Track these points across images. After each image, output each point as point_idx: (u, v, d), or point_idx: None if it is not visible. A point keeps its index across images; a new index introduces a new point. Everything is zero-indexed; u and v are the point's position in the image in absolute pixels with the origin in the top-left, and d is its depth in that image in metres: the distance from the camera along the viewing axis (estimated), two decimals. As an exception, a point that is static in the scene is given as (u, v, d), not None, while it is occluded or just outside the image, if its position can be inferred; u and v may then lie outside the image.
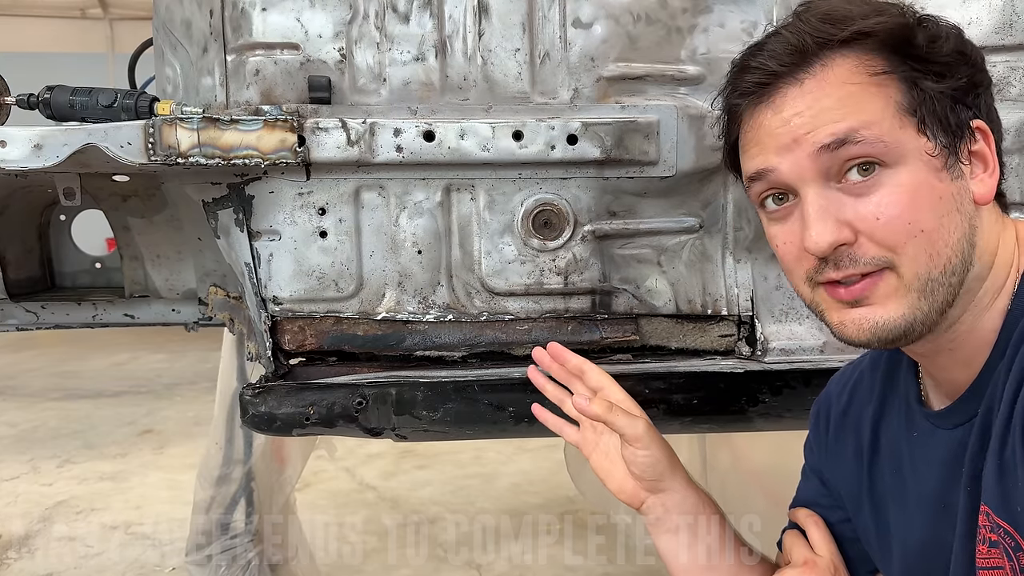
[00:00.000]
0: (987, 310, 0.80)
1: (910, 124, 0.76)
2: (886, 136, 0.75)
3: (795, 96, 0.78)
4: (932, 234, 0.75)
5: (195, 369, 6.24)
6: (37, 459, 4.28)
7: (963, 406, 0.82)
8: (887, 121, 0.75)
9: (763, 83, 0.79)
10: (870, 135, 0.75)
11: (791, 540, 1.04)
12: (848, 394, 1.02)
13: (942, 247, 0.75)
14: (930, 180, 0.76)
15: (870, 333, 0.78)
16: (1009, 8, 1.28)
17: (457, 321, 1.31)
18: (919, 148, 0.76)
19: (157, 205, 1.75)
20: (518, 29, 1.25)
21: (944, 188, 0.76)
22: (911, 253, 0.75)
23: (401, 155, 1.22)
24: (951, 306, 0.78)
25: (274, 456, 2.62)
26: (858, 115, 0.75)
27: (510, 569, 2.47)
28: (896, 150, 0.75)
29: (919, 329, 0.77)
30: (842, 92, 0.76)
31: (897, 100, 0.76)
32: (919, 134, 0.76)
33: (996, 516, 0.73)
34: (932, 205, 0.75)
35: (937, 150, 0.76)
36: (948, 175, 0.77)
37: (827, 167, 0.77)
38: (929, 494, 0.85)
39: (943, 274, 0.76)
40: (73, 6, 10.00)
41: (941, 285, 0.76)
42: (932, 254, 0.75)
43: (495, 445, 4.18)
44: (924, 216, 0.75)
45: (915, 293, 0.76)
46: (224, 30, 1.24)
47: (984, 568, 0.74)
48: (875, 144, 0.75)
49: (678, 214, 1.33)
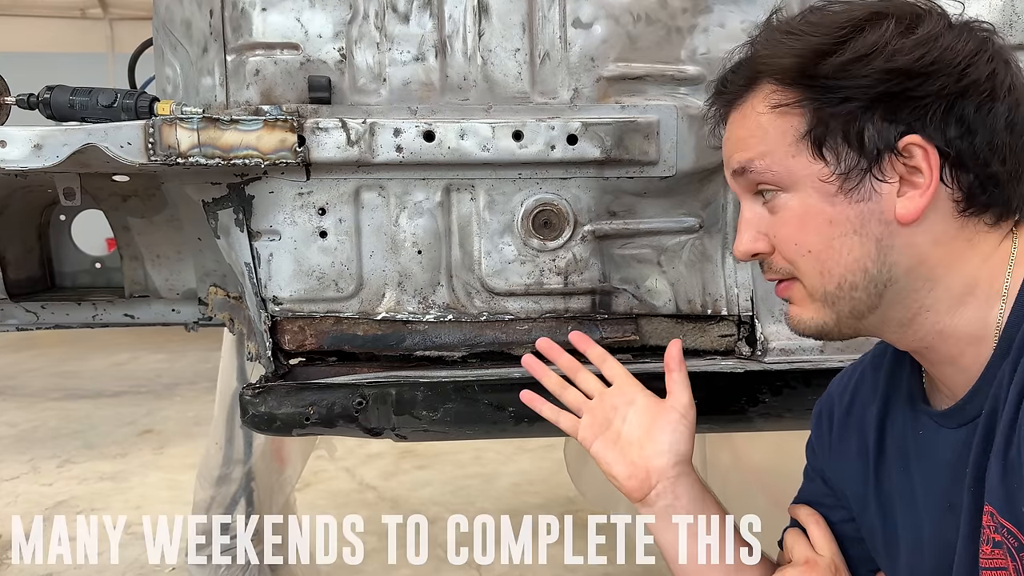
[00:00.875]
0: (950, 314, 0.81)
1: (804, 152, 0.81)
2: (775, 166, 0.82)
3: (732, 120, 0.88)
4: (820, 254, 0.81)
5: (195, 369, 6.24)
6: (37, 459, 4.28)
7: (966, 406, 0.82)
8: (780, 151, 0.82)
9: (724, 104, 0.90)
10: (761, 166, 0.83)
11: (792, 539, 1.04)
12: (850, 394, 1.02)
13: (833, 266, 0.81)
14: (819, 205, 0.81)
15: (796, 328, 0.88)
16: (1009, 8, 1.28)
17: (457, 321, 1.31)
18: (811, 175, 0.80)
19: (157, 205, 1.75)
20: (518, 29, 1.25)
21: (835, 212, 0.80)
22: (803, 270, 0.83)
23: (401, 155, 1.22)
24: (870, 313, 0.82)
25: (274, 456, 2.62)
26: (757, 146, 0.84)
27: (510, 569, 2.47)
28: (787, 178, 0.82)
29: (833, 331, 0.85)
30: (752, 123, 0.84)
31: (797, 129, 0.81)
32: (814, 160, 0.80)
33: (1000, 516, 0.73)
34: (819, 228, 0.81)
35: (833, 176, 0.79)
36: (845, 199, 0.80)
37: (746, 187, 0.87)
38: (935, 494, 0.85)
39: (839, 288, 0.82)
40: (73, 6, 10.00)
41: (841, 299, 0.82)
42: (823, 272, 0.82)
43: (495, 445, 4.17)
44: (811, 239, 0.82)
45: (818, 302, 0.84)
46: (224, 30, 1.24)
47: (988, 568, 0.75)
48: (765, 174, 0.83)
49: (678, 214, 1.33)
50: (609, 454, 1.05)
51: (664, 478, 1.02)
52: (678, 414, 1.04)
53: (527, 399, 1.12)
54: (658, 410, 1.05)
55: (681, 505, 1.02)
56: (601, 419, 1.07)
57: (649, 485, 1.03)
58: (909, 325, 0.83)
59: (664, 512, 1.03)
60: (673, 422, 1.04)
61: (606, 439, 1.06)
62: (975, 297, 0.80)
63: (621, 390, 1.08)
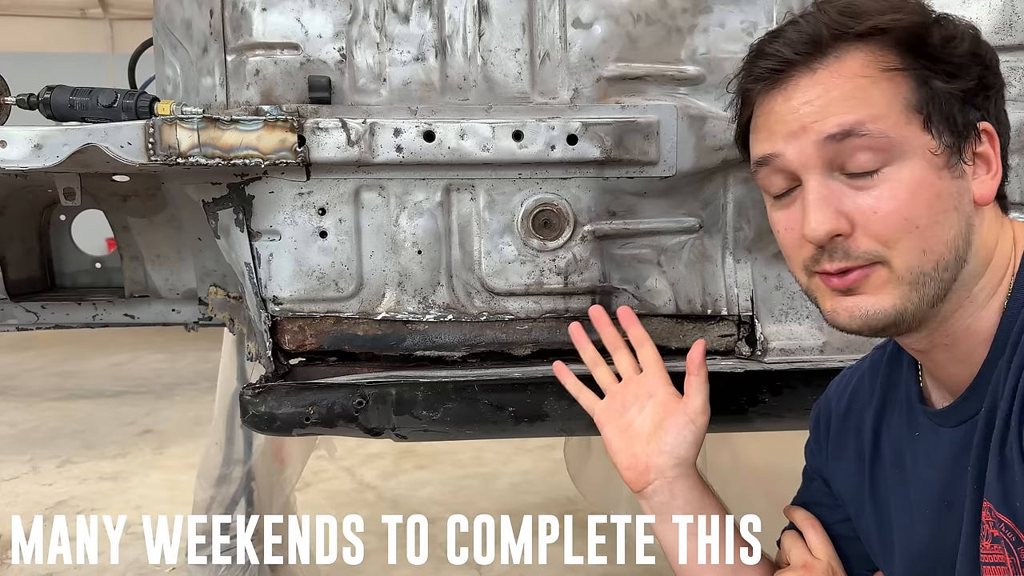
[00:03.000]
0: (983, 308, 0.81)
1: (916, 121, 0.77)
2: (891, 131, 0.76)
3: (806, 85, 0.79)
4: (927, 231, 0.76)
5: (195, 369, 6.24)
6: (37, 459, 4.28)
7: (965, 404, 0.82)
8: (894, 116, 0.76)
9: (777, 70, 0.80)
10: (875, 129, 0.76)
11: (790, 541, 1.04)
12: (848, 397, 1.02)
13: (936, 243, 0.77)
14: (930, 178, 0.76)
15: (860, 321, 0.80)
16: (1009, 8, 1.28)
17: (457, 321, 1.31)
18: (923, 145, 0.77)
19: (157, 205, 1.75)
20: (518, 29, 1.25)
21: (943, 186, 0.77)
22: (904, 248, 0.77)
23: (401, 155, 1.22)
24: (942, 301, 0.79)
25: (274, 456, 2.61)
26: (866, 108, 0.76)
27: (510, 569, 2.47)
28: (900, 146, 0.76)
29: (908, 320, 0.79)
30: (852, 84, 0.77)
31: (906, 96, 0.77)
32: (924, 132, 0.77)
33: (997, 511, 0.73)
34: (929, 202, 0.76)
35: (941, 149, 0.77)
36: (949, 174, 0.77)
37: (831, 157, 0.78)
38: (932, 493, 0.86)
39: (935, 269, 0.77)
40: (73, 6, 9.99)
41: (932, 280, 0.78)
42: (925, 250, 0.77)
43: (495, 445, 4.17)
44: (921, 213, 0.76)
45: (906, 286, 0.78)
46: (224, 30, 1.24)
47: (987, 564, 0.75)
48: (879, 138, 0.76)
49: (678, 214, 1.33)
50: (617, 441, 1.08)
51: (661, 476, 1.03)
52: (687, 417, 1.05)
53: (557, 369, 1.16)
54: (671, 409, 1.06)
55: (678, 505, 1.03)
56: (620, 405, 1.09)
57: (646, 480, 1.04)
58: (948, 318, 0.81)
59: (662, 509, 1.04)
60: (680, 424, 1.05)
61: (618, 425, 1.08)
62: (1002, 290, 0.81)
63: (647, 380, 1.10)
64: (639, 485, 1.04)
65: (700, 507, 1.03)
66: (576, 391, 1.14)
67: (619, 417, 1.08)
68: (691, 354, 1.08)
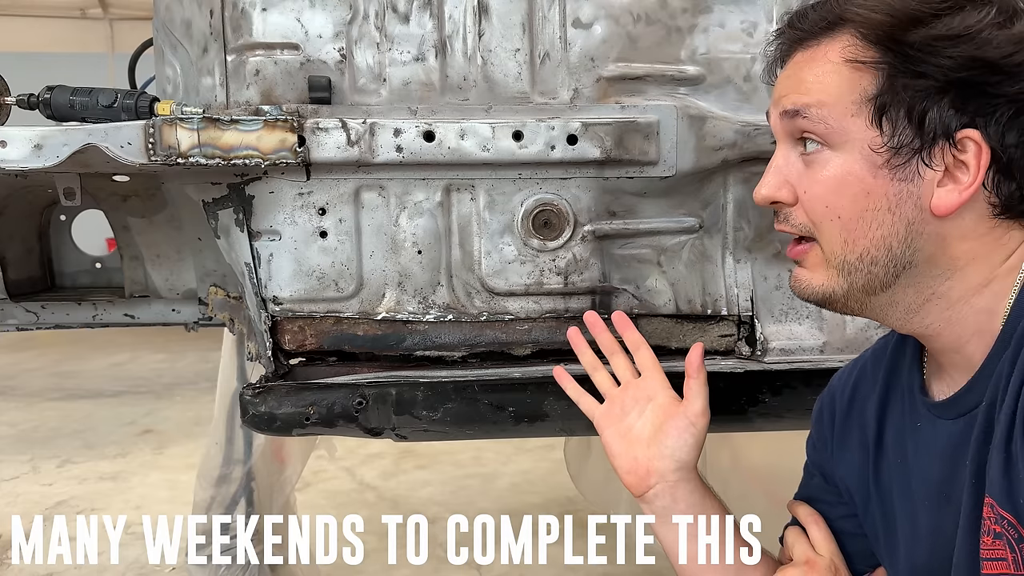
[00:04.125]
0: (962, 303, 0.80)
1: (865, 114, 0.78)
2: (830, 120, 0.79)
3: (795, 61, 0.84)
4: (848, 223, 0.79)
5: (195, 369, 6.23)
6: (37, 459, 4.27)
7: (965, 397, 0.82)
8: (841, 106, 0.78)
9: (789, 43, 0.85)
10: (816, 114, 0.79)
11: (793, 538, 1.04)
12: (851, 389, 1.02)
13: (859, 237, 0.79)
14: (860, 173, 0.78)
15: (798, 291, 0.86)
16: (1009, 8, 1.28)
17: (457, 321, 1.31)
18: (863, 140, 0.78)
19: (157, 205, 1.75)
20: (518, 29, 1.25)
21: (876, 184, 0.78)
22: (827, 234, 0.81)
23: (401, 155, 1.22)
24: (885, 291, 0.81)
25: (274, 456, 2.61)
26: (818, 93, 0.80)
27: (510, 569, 2.47)
28: (838, 135, 0.79)
29: (840, 301, 0.83)
30: (820, 68, 0.80)
31: (864, 88, 0.78)
32: (871, 127, 0.77)
33: (1000, 508, 0.73)
34: (855, 197, 0.79)
35: (884, 147, 0.77)
36: (889, 174, 0.77)
37: (791, 131, 0.83)
38: (931, 485, 0.86)
39: (860, 260, 0.80)
40: (73, 6, 9.98)
41: (858, 270, 0.80)
42: (847, 240, 0.80)
43: (495, 445, 4.17)
44: (844, 204, 0.79)
45: (833, 269, 0.82)
46: (224, 30, 1.24)
47: (988, 559, 0.75)
48: (817, 124, 0.79)
49: (678, 214, 1.33)
50: (617, 446, 1.07)
51: (663, 480, 1.03)
52: (687, 421, 1.05)
53: (558, 374, 1.16)
54: (670, 412, 1.06)
55: (679, 508, 1.03)
56: (619, 409, 1.09)
57: (647, 484, 1.04)
58: (917, 311, 0.82)
59: (663, 512, 1.04)
60: (680, 428, 1.05)
61: (618, 430, 1.08)
62: (989, 289, 0.79)
63: (646, 383, 1.10)
64: (640, 489, 1.04)
65: (701, 509, 1.03)
66: (576, 396, 1.13)
67: (619, 421, 1.08)
68: (690, 357, 1.07)
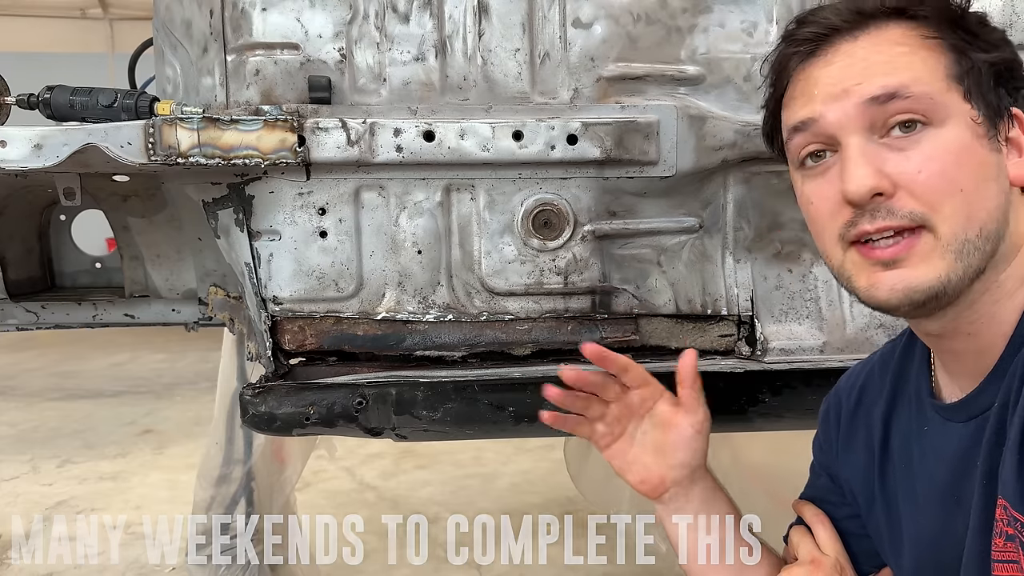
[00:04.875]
0: (1008, 296, 0.80)
1: (956, 90, 0.78)
2: (935, 95, 0.76)
3: (848, 50, 0.79)
4: (970, 195, 0.76)
5: (195, 369, 6.23)
6: (37, 459, 4.27)
7: (977, 399, 0.81)
8: (936, 82, 0.77)
9: (820, 35, 0.81)
10: (920, 91, 0.76)
11: (798, 537, 1.04)
12: (858, 391, 1.02)
13: (979, 210, 0.76)
14: (973, 144, 0.77)
15: (902, 294, 0.77)
16: (1009, 8, 1.28)
17: (457, 321, 1.31)
18: (964, 112, 0.77)
19: (157, 205, 1.75)
20: (518, 29, 1.25)
21: (985, 155, 0.78)
22: (948, 211, 0.75)
23: (401, 155, 1.22)
24: (983, 274, 0.78)
25: (274, 456, 2.61)
26: (909, 71, 0.77)
27: (510, 569, 2.47)
28: (944, 110, 0.77)
29: (951, 293, 0.77)
30: (894, 51, 0.78)
31: (946, 66, 0.78)
32: (965, 101, 0.78)
33: (1013, 510, 0.73)
34: (973, 168, 0.76)
35: (981, 118, 0.78)
36: (989, 144, 0.78)
37: (872, 120, 0.77)
38: (940, 488, 0.85)
39: (979, 237, 0.76)
40: (73, 6, 9.98)
41: (976, 249, 0.76)
42: (969, 215, 0.76)
43: (495, 445, 4.17)
44: (964, 176, 0.76)
45: (952, 254, 0.76)
46: (224, 30, 1.24)
47: (999, 561, 0.74)
48: (923, 101, 0.76)
49: (678, 214, 1.33)
50: (621, 461, 1.07)
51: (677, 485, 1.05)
52: (693, 431, 1.04)
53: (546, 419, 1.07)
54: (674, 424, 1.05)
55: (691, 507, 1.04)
56: (617, 426, 1.08)
57: (663, 489, 1.06)
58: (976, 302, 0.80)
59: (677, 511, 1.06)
60: (687, 439, 1.05)
61: (620, 446, 1.08)
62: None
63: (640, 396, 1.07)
64: (655, 494, 1.06)
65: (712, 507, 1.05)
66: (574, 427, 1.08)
67: (618, 438, 1.08)
68: (682, 365, 1.04)
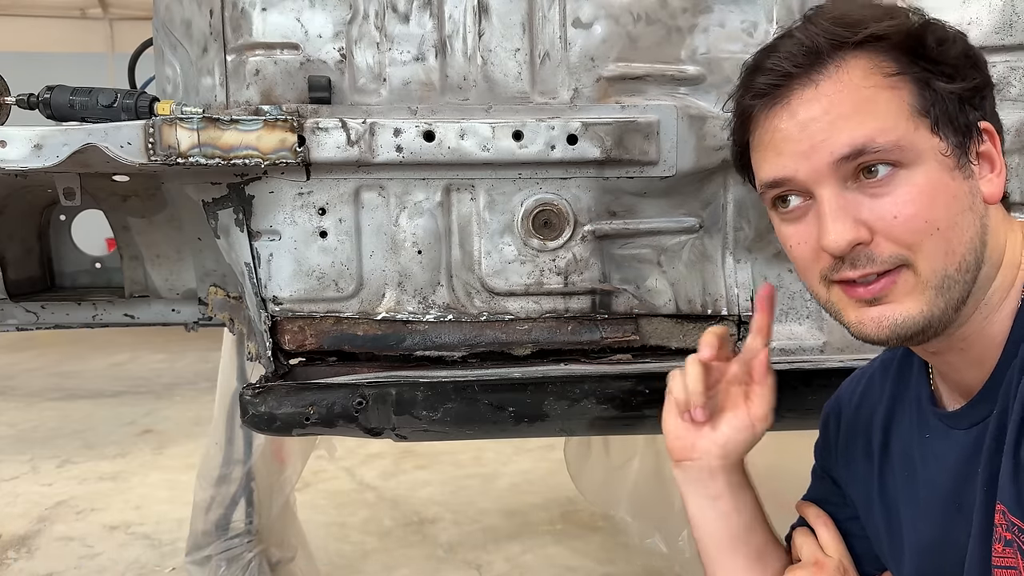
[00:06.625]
0: (996, 310, 0.80)
1: (923, 125, 0.77)
2: (902, 140, 0.76)
3: (810, 98, 0.78)
4: (947, 232, 0.76)
5: (195, 369, 6.24)
6: (37, 459, 4.27)
7: (977, 407, 0.82)
8: (902, 125, 0.76)
9: (776, 84, 0.80)
10: (886, 142, 0.76)
11: (801, 539, 1.04)
12: (859, 397, 1.02)
13: (957, 245, 0.77)
14: (944, 179, 0.77)
15: (889, 331, 0.78)
16: (1009, 8, 1.28)
17: (457, 321, 1.31)
18: (933, 148, 0.77)
19: (157, 205, 1.75)
20: (518, 29, 1.25)
21: (957, 187, 0.77)
22: (927, 251, 0.76)
23: (401, 155, 1.22)
24: (965, 303, 0.78)
25: (274, 456, 2.61)
26: (874, 121, 0.76)
27: (510, 569, 2.47)
28: (912, 151, 0.76)
29: (936, 325, 0.78)
30: (857, 97, 0.77)
31: (910, 102, 0.77)
32: (932, 134, 0.77)
33: (1011, 515, 0.73)
34: (947, 204, 0.76)
35: (949, 150, 0.77)
36: (960, 174, 0.78)
37: (844, 173, 0.77)
38: (942, 495, 0.85)
39: (958, 271, 0.77)
40: (73, 6, 9.99)
41: (956, 282, 0.77)
42: (947, 251, 0.76)
43: (495, 445, 4.17)
44: (940, 214, 0.76)
45: (932, 290, 0.77)
46: (224, 30, 1.24)
47: (999, 567, 0.75)
48: (892, 151, 0.76)
49: (678, 214, 1.33)
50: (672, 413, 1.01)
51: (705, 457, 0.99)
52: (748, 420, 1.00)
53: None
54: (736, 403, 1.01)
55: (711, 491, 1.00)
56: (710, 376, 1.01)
57: (689, 456, 1.00)
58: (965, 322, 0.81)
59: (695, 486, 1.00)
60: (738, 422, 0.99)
61: None
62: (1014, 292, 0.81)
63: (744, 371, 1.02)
64: (679, 456, 1.00)
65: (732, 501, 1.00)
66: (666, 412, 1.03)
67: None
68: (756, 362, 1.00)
